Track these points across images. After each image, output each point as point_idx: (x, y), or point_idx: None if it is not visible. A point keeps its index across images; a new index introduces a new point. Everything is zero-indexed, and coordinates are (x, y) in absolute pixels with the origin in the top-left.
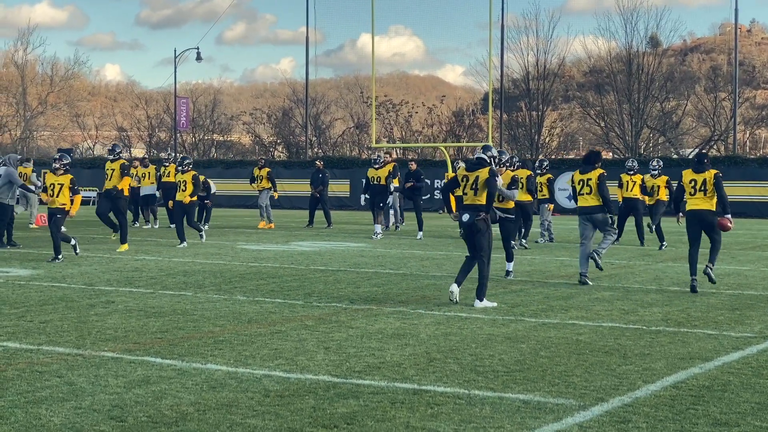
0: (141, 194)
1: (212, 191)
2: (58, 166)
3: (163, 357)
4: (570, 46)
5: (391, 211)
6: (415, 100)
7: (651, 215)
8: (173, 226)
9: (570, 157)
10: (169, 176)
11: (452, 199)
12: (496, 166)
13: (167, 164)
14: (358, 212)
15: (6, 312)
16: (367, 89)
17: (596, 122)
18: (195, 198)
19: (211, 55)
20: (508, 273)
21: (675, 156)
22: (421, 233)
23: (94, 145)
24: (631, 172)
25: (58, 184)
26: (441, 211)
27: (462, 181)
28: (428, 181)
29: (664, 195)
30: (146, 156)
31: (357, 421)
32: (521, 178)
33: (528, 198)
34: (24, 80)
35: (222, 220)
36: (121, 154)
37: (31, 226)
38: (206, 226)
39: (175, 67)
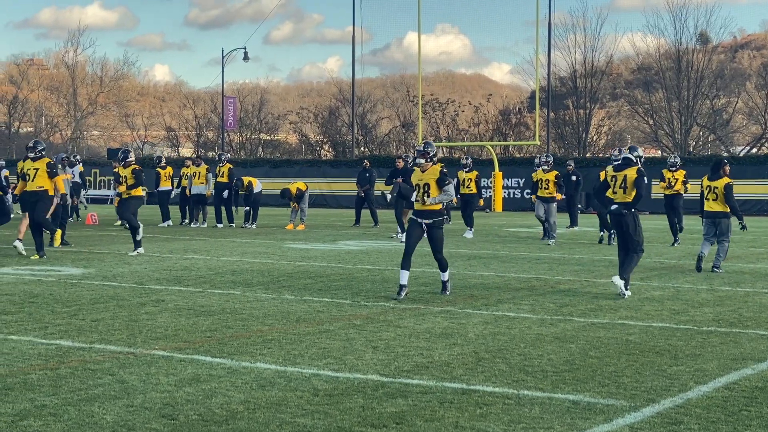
0: (192, 193)
1: (257, 191)
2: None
3: (212, 356)
4: (618, 44)
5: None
6: (462, 98)
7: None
8: (220, 225)
9: (612, 153)
10: (222, 176)
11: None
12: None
13: (221, 164)
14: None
15: (59, 310)
16: (413, 88)
17: (645, 120)
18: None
19: (258, 54)
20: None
21: (725, 154)
22: (402, 235)
23: (142, 145)
24: (674, 168)
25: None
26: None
27: (611, 181)
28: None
29: (680, 187)
30: (199, 155)
31: (406, 420)
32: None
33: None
34: (74, 81)
35: (269, 219)
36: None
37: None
38: (254, 225)
39: (223, 67)
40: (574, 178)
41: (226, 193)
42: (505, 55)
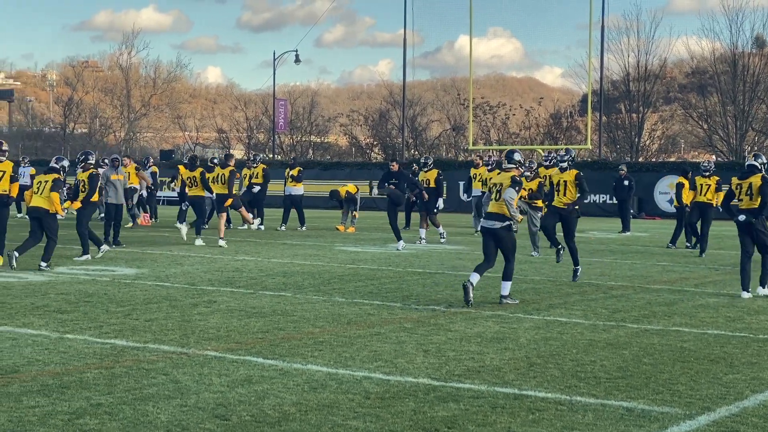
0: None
1: (298, 193)
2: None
3: (264, 357)
4: (672, 47)
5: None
6: (512, 102)
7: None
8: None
9: (671, 160)
10: (257, 177)
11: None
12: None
13: (254, 166)
14: (454, 215)
15: (113, 310)
16: (464, 91)
17: (699, 124)
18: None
19: (309, 57)
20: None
21: None
22: (401, 243)
23: (194, 147)
24: (707, 174)
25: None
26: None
27: (736, 189)
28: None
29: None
30: (257, 155)
31: (458, 424)
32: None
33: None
34: (128, 83)
35: (319, 222)
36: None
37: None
38: (304, 228)
39: (274, 70)
40: (626, 182)
41: (256, 189)
42: (557, 59)
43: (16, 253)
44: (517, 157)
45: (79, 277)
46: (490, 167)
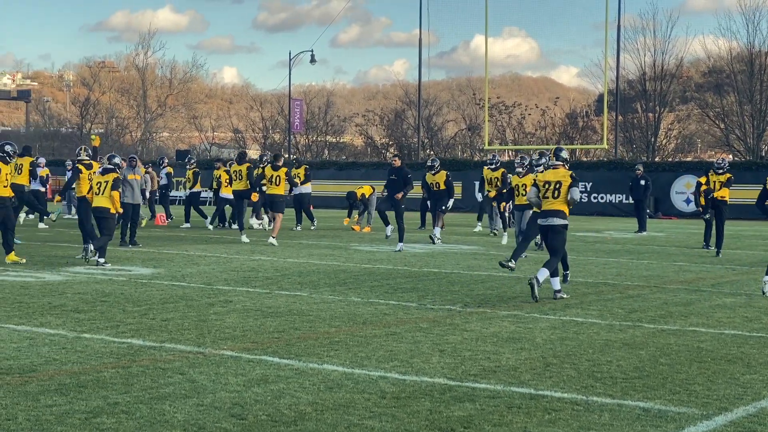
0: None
1: (306, 191)
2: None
3: (280, 356)
4: (688, 46)
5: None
6: (528, 101)
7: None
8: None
9: (687, 159)
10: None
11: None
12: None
13: (263, 165)
14: (470, 214)
15: (130, 309)
16: (479, 91)
17: (715, 124)
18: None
19: (325, 57)
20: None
21: None
22: (401, 245)
23: (210, 147)
24: (720, 171)
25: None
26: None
27: None
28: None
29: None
30: (264, 155)
31: (474, 424)
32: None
33: None
34: (144, 83)
35: (335, 221)
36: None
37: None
38: (314, 225)
39: (290, 70)
40: (643, 182)
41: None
42: (573, 58)
43: (102, 259)
44: (564, 154)
45: (96, 277)
46: (493, 167)
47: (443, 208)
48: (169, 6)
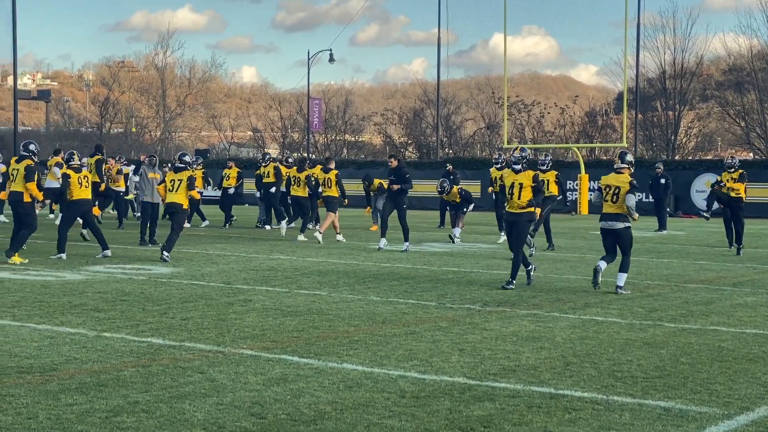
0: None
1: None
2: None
3: (300, 356)
4: (709, 44)
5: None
6: (547, 100)
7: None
8: (267, 227)
9: (708, 158)
10: (268, 176)
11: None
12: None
13: (265, 164)
14: (490, 213)
15: (149, 308)
16: (498, 89)
17: (736, 122)
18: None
19: (344, 56)
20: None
21: None
22: (407, 244)
23: (229, 146)
24: (732, 170)
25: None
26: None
27: None
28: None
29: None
30: (267, 153)
31: (494, 424)
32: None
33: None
34: (163, 83)
35: (354, 221)
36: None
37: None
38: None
39: (309, 69)
40: (663, 181)
41: (273, 189)
42: (592, 57)
43: (166, 253)
44: (629, 158)
45: (116, 276)
46: (499, 166)
47: (464, 210)
48: (188, 6)
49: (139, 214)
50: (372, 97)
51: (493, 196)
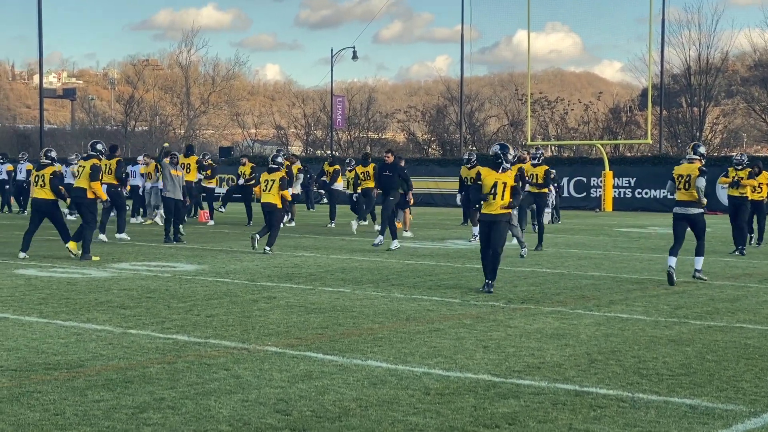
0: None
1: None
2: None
3: (324, 353)
4: (734, 40)
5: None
6: (571, 96)
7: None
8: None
9: (733, 154)
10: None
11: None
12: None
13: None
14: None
15: (175, 306)
16: (521, 86)
17: (762, 118)
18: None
19: (367, 53)
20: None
21: None
22: (396, 242)
23: (253, 144)
24: (740, 167)
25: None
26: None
27: None
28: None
29: (748, 191)
30: (280, 149)
31: (518, 421)
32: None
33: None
34: (188, 81)
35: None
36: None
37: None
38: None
39: (332, 66)
40: None
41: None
42: (616, 53)
43: (268, 248)
44: (701, 150)
45: (141, 273)
46: (470, 166)
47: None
48: (212, 4)
49: (162, 212)
50: (395, 94)
51: (459, 198)
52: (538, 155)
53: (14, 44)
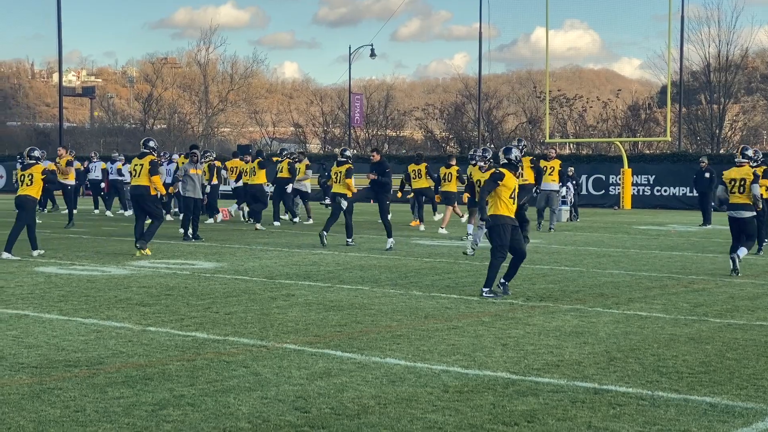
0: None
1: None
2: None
3: (343, 350)
4: (754, 36)
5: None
6: (589, 94)
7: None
8: (277, 224)
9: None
10: (282, 172)
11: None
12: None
13: (281, 159)
14: (530, 208)
15: (194, 303)
16: (540, 84)
17: None
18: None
19: (385, 51)
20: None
21: None
22: (391, 240)
23: (271, 142)
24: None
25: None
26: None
27: None
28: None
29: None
30: (284, 148)
31: (538, 419)
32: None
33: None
34: (206, 79)
35: (396, 216)
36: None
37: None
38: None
39: (350, 64)
40: (707, 175)
41: (290, 188)
42: (635, 50)
43: (325, 232)
44: (749, 152)
45: (160, 271)
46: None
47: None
48: (230, 2)
49: (176, 210)
50: (413, 92)
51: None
52: (520, 146)
53: (34, 43)
